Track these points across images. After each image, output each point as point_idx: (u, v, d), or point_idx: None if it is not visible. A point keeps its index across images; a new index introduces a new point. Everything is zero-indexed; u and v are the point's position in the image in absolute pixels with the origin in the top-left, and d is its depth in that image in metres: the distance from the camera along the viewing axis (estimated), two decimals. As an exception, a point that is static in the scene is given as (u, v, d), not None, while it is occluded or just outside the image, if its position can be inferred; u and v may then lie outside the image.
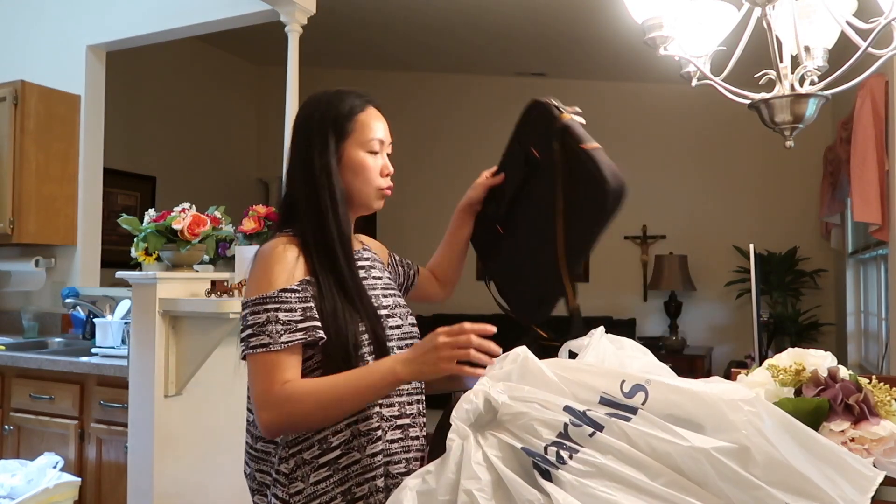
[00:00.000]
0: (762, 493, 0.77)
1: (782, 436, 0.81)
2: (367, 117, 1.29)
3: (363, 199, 1.29)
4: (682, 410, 0.86)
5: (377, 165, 1.28)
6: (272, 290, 1.14)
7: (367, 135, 1.27)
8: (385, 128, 1.31)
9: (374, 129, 1.28)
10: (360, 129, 1.27)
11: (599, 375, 0.94)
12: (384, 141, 1.30)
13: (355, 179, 1.27)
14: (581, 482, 0.79)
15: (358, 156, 1.26)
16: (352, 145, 1.26)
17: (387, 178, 1.30)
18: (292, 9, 3.18)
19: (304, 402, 1.09)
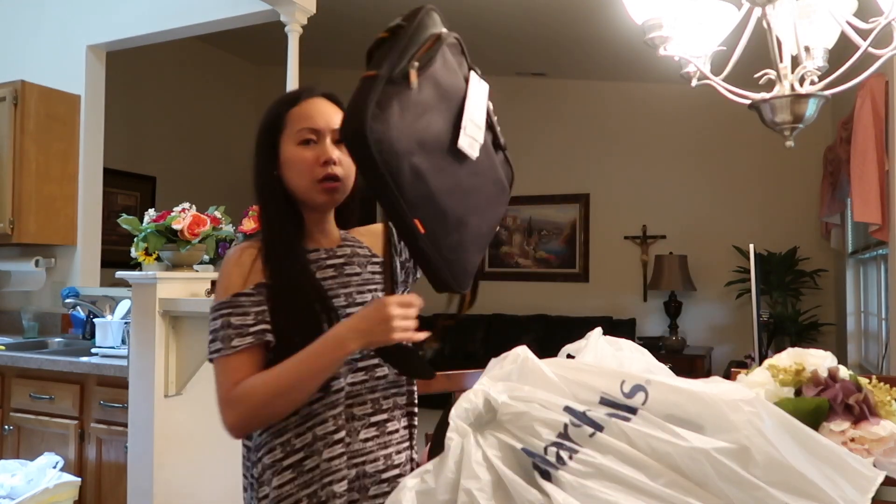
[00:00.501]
0: (762, 494, 0.77)
1: (782, 436, 0.81)
2: (300, 110, 1.23)
3: (302, 194, 1.22)
4: (682, 411, 0.86)
5: (309, 156, 1.20)
6: (226, 296, 1.15)
7: (296, 126, 1.22)
8: (326, 115, 1.22)
9: (305, 119, 1.22)
10: (291, 124, 1.22)
11: (599, 375, 0.94)
12: (320, 129, 1.21)
13: (291, 176, 1.22)
14: (581, 483, 0.79)
15: (288, 151, 1.22)
16: (285, 143, 1.22)
17: (325, 166, 1.20)
18: (292, 9, 3.18)
19: (255, 394, 1.09)
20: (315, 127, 1.21)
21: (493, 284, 6.13)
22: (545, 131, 5.93)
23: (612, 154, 5.73)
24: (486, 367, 1.07)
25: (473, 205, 1.12)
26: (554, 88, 5.91)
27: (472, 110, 1.11)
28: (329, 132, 1.22)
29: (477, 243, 1.14)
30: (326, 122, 1.22)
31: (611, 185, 5.75)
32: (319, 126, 1.22)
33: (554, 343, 1.45)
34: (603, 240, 5.81)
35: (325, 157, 1.20)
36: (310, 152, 1.20)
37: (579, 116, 5.84)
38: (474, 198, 1.13)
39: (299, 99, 1.25)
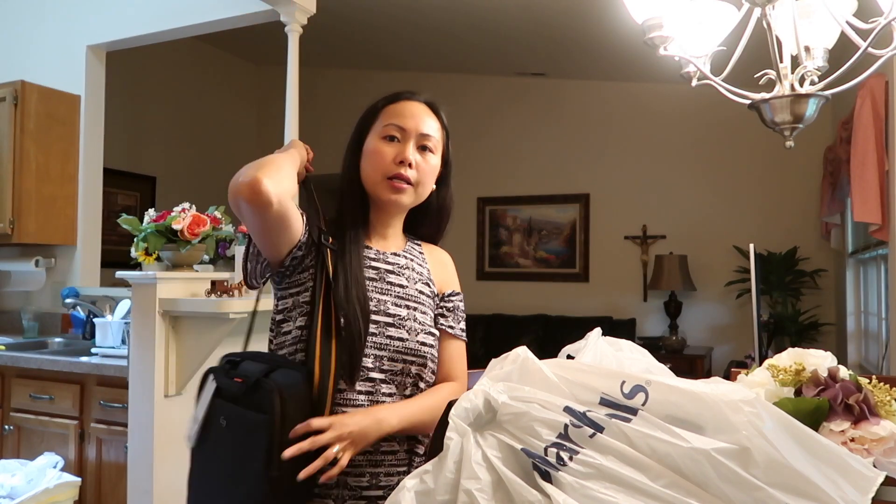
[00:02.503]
0: (763, 495, 0.76)
1: (783, 437, 0.81)
2: (396, 107, 1.27)
3: (370, 186, 1.25)
4: (682, 411, 0.86)
5: (389, 151, 1.23)
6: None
7: (385, 121, 1.25)
8: (418, 118, 1.26)
9: (395, 116, 1.25)
10: (382, 118, 1.26)
11: (600, 376, 0.93)
12: (407, 129, 1.24)
13: (366, 167, 1.25)
14: (581, 484, 0.79)
15: (372, 142, 1.25)
16: (371, 135, 1.26)
17: (400, 165, 1.22)
18: (292, 9, 3.18)
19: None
20: (402, 125, 1.24)
21: (492, 284, 6.13)
22: (545, 131, 5.93)
23: (612, 154, 5.73)
24: (486, 368, 1.07)
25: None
26: (554, 88, 5.91)
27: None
28: (416, 135, 1.25)
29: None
30: (416, 125, 1.25)
31: (611, 185, 5.75)
32: (407, 126, 1.24)
33: (554, 343, 1.45)
34: (603, 240, 5.81)
35: (402, 157, 1.22)
36: (390, 148, 1.23)
37: (579, 116, 5.84)
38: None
39: (400, 98, 1.28)
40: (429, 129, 1.27)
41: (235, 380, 1.14)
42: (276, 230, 1.15)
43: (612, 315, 5.55)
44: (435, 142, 1.28)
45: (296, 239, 1.18)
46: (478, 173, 6.10)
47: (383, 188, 1.23)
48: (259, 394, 1.08)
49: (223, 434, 1.11)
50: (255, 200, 1.07)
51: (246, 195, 1.07)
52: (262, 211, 1.09)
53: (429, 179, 1.27)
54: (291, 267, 1.21)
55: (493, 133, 6.09)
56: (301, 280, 1.22)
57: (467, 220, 6.19)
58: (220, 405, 1.14)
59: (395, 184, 1.22)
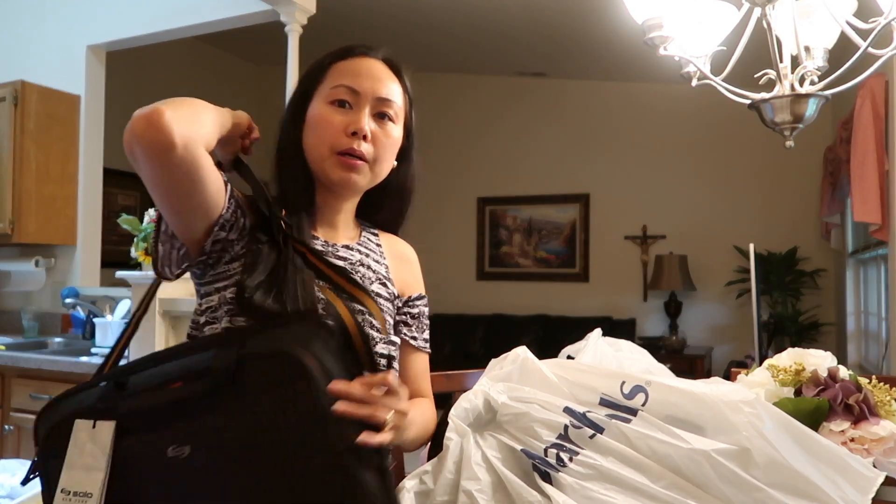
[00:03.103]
0: (763, 495, 0.76)
1: (783, 437, 0.81)
2: (346, 65, 1.02)
3: (315, 163, 1.00)
4: (682, 412, 0.86)
5: (338, 120, 0.98)
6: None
7: (333, 82, 1.00)
8: (375, 78, 1.01)
9: (346, 76, 1.00)
10: (330, 78, 1.01)
11: (599, 376, 0.93)
12: (362, 92, 0.99)
13: (309, 139, 1.00)
14: (581, 485, 0.79)
15: (316, 108, 1.00)
16: (317, 99, 1.01)
17: (353, 138, 0.97)
18: (292, 9, 3.18)
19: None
20: (355, 87, 0.99)
21: (492, 284, 6.13)
22: (545, 131, 5.93)
23: (612, 154, 5.73)
24: (486, 368, 1.07)
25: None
26: (554, 88, 5.91)
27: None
28: (372, 100, 1.00)
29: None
30: (372, 87, 1.00)
31: (611, 185, 5.74)
32: (361, 88, 0.99)
33: (554, 343, 1.45)
34: (603, 240, 5.81)
35: (356, 127, 0.97)
36: (339, 116, 0.98)
37: (579, 116, 5.84)
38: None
39: (352, 53, 1.03)
40: (389, 92, 1.02)
41: (170, 387, 0.80)
42: (182, 188, 0.84)
43: (612, 315, 5.55)
44: (396, 109, 1.03)
45: (215, 211, 0.89)
46: (478, 173, 6.10)
47: (331, 166, 0.98)
48: (257, 373, 0.78)
49: (182, 466, 0.77)
50: (150, 137, 0.78)
51: (139, 129, 0.78)
52: (159, 154, 0.79)
53: (388, 155, 1.03)
54: (215, 254, 0.93)
55: (493, 133, 6.09)
56: (229, 272, 0.94)
57: (467, 220, 6.19)
58: (157, 437, 0.79)
59: (347, 160, 0.97)
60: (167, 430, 0.78)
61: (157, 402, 0.80)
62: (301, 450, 0.77)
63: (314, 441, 0.76)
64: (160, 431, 0.79)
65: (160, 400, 0.80)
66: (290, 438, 0.77)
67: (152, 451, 0.78)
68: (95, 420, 0.79)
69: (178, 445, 0.78)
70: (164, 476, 0.78)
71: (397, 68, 1.06)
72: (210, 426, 0.78)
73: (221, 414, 0.78)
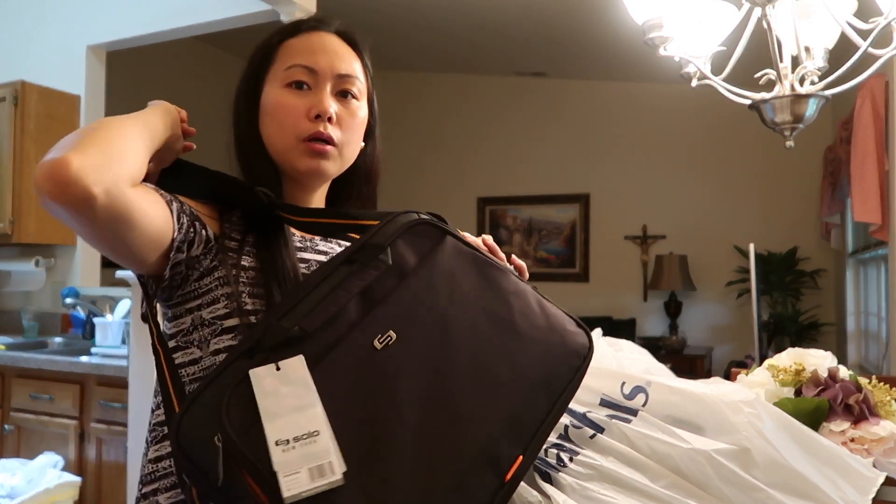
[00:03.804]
0: (763, 495, 0.76)
1: (783, 437, 0.81)
2: (297, 42, 0.92)
3: (280, 154, 0.91)
4: (682, 412, 0.86)
5: (298, 104, 0.89)
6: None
7: (287, 62, 0.91)
8: (332, 53, 0.91)
9: (300, 54, 0.91)
10: (282, 58, 0.92)
11: (599, 377, 0.93)
12: (320, 70, 0.90)
13: (269, 128, 0.91)
14: (581, 485, 0.79)
15: (272, 94, 0.91)
16: (270, 83, 0.92)
17: (317, 121, 0.88)
18: (292, 9, 3.18)
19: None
20: (312, 66, 0.90)
21: None
22: (545, 131, 5.93)
23: (612, 154, 5.73)
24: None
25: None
26: (554, 88, 5.91)
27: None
28: (332, 77, 0.91)
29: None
30: (330, 63, 0.91)
31: (611, 185, 5.75)
32: (318, 65, 0.90)
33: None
34: (603, 240, 5.81)
35: (319, 110, 0.88)
36: (298, 100, 0.89)
37: (579, 116, 5.84)
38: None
39: (301, 29, 0.94)
40: (349, 67, 0.92)
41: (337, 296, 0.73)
42: (116, 235, 0.73)
43: (612, 315, 5.55)
44: (359, 85, 0.94)
45: (164, 240, 0.77)
46: (478, 173, 6.10)
47: (298, 154, 0.89)
48: (408, 247, 0.78)
49: (395, 352, 0.71)
50: (62, 197, 0.66)
51: (47, 188, 0.66)
52: (78, 212, 0.68)
53: (356, 136, 0.94)
54: (179, 276, 0.83)
55: (493, 133, 6.09)
56: (201, 289, 0.84)
57: (467, 220, 6.19)
58: (355, 339, 0.71)
59: (314, 146, 0.88)
60: (359, 327, 0.72)
61: (335, 310, 0.72)
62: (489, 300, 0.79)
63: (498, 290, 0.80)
64: (354, 333, 0.72)
65: (337, 307, 0.72)
66: (472, 293, 0.78)
67: (359, 353, 0.70)
68: (276, 363, 0.67)
69: (381, 335, 0.72)
70: (381, 371, 0.70)
71: (354, 41, 0.96)
72: (402, 304, 0.74)
73: (405, 290, 0.75)
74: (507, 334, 0.78)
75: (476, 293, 0.79)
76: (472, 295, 0.79)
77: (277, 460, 0.60)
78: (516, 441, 0.72)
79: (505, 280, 0.83)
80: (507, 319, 0.79)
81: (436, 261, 0.80)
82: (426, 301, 0.76)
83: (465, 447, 0.69)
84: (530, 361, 0.77)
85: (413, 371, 0.71)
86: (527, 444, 0.72)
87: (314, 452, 0.61)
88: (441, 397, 0.71)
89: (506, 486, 0.69)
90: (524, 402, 0.74)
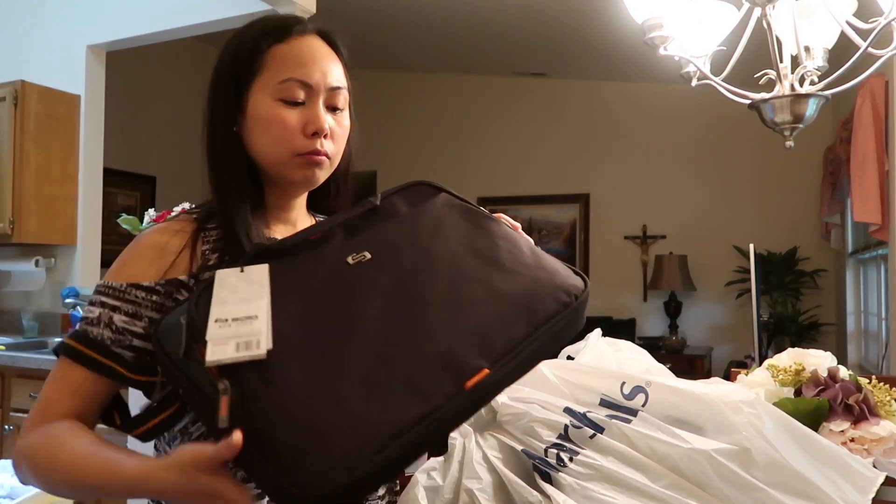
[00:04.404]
0: (763, 495, 0.76)
1: (783, 437, 0.81)
2: (290, 50, 0.90)
3: (276, 166, 0.90)
4: (682, 412, 0.86)
5: (294, 120, 0.88)
6: (121, 280, 0.85)
7: (281, 74, 0.89)
8: (324, 66, 0.90)
9: (295, 67, 0.89)
10: (273, 68, 0.89)
11: (599, 377, 0.93)
12: (315, 85, 0.89)
13: (262, 140, 0.90)
14: (581, 485, 0.79)
15: (264, 106, 0.89)
16: (258, 92, 0.90)
17: (314, 138, 0.88)
18: (292, 9, 3.18)
19: (47, 469, 0.81)
20: (307, 81, 0.89)
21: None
22: (545, 131, 5.93)
23: (612, 154, 5.73)
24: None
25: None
26: (554, 88, 5.91)
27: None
28: (325, 91, 0.90)
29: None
30: (323, 77, 0.90)
31: (611, 185, 5.75)
32: (314, 80, 0.89)
33: (554, 343, 1.44)
34: (603, 240, 5.81)
35: (316, 127, 0.88)
36: (295, 115, 0.88)
37: (579, 116, 5.84)
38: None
39: (290, 33, 0.92)
40: (338, 78, 0.92)
41: (314, 236, 0.80)
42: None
43: (612, 315, 5.55)
44: (345, 96, 0.94)
45: (120, 386, 0.86)
46: (478, 173, 6.10)
47: (293, 167, 0.90)
48: (401, 198, 0.86)
49: (365, 269, 0.76)
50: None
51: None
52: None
53: (343, 145, 0.95)
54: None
55: (493, 133, 6.09)
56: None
57: (467, 220, 6.19)
58: (331, 251, 0.77)
59: (312, 158, 0.89)
60: (336, 247, 0.78)
61: (316, 232, 0.80)
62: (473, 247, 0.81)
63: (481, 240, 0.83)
64: (329, 249, 0.78)
65: (319, 230, 0.80)
66: (458, 232, 0.83)
67: (330, 264, 0.76)
68: (242, 267, 0.73)
69: (356, 254, 0.77)
70: (348, 282, 0.75)
71: (335, 42, 0.95)
72: (383, 234, 0.80)
73: (389, 224, 0.82)
74: (488, 265, 0.80)
75: (462, 233, 0.83)
76: (457, 233, 0.82)
77: (211, 333, 0.67)
78: (482, 354, 0.72)
79: (496, 226, 0.86)
80: (491, 255, 0.81)
81: (425, 207, 0.85)
82: (409, 235, 0.80)
83: (422, 349, 0.70)
84: (509, 287, 0.78)
85: (381, 285, 0.75)
86: (495, 360, 0.72)
87: (246, 331, 0.67)
88: (406, 309, 0.73)
89: (464, 394, 0.69)
90: (496, 319, 0.75)
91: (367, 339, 0.69)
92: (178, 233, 0.88)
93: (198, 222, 0.90)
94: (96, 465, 0.78)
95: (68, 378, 0.83)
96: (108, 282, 0.86)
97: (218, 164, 0.94)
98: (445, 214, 0.84)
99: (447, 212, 0.85)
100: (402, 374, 0.68)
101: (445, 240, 0.81)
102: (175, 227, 0.89)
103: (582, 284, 0.83)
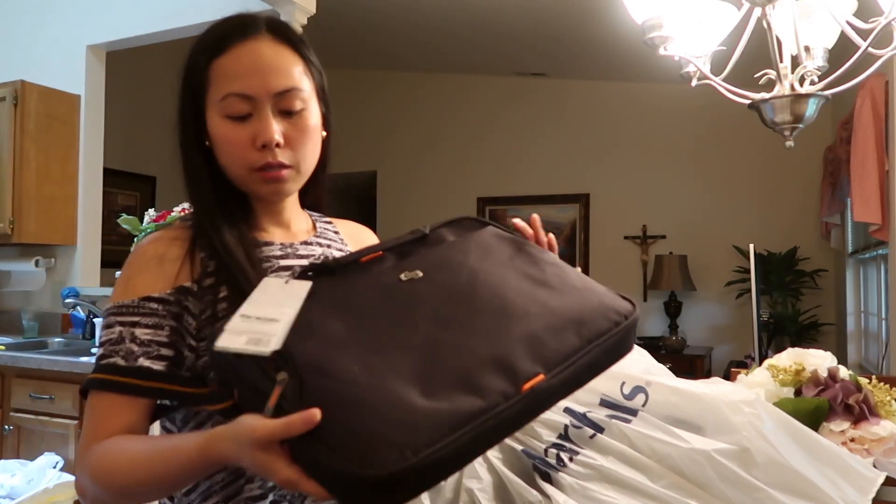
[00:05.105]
0: (763, 495, 0.76)
1: (783, 437, 0.81)
2: (225, 64, 0.85)
3: (239, 183, 0.88)
4: (682, 412, 0.86)
5: (241, 136, 0.84)
6: (131, 298, 0.83)
7: (220, 91, 0.85)
8: (264, 70, 0.85)
9: (231, 81, 0.84)
10: (215, 84, 0.85)
11: (599, 377, 0.93)
12: (255, 96, 0.84)
13: (221, 157, 0.87)
14: (581, 485, 0.79)
15: (213, 124, 0.86)
16: (209, 108, 0.86)
17: (264, 151, 0.85)
18: (292, 9, 3.18)
19: (117, 475, 0.76)
20: (247, 93, 0.84)
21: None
22: (545, 131, 5.93)
23: (612, 154, 5.73)
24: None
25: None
26: (554, 88, 5.91)
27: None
28: (270, 98, 0.85)
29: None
30: (265, 85, 0.84)
31: (611, 185, 5.75)
32: (254, 90, 0.84)
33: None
34: (603, 240, 5.81)
35: (263, 139, 0.84)
36: (241, 131, 0.84)
37: (579, 116, 5.84)
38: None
39: (226, 45, 0.85)
40: (287, 80, 0.86)
41: (366, 258, 0.81)
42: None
43: (612, 315, 5.54)
44: (303, 95, 0.87)
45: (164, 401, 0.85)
46: (478, 173, 6.10)
47: (254, 182, 0.87)
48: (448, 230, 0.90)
49: (416, 287, 0.78)
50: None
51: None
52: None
53: (311, 147, 0.90)
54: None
55: (493, 133, 6.09)
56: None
57: (467, 220, 6.18)
58: (385, 269, 0.80)
59: (268, 175, 0.86)
60: (389, 267, 0.81)
61: (368, 253, 0.83)
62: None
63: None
64: (382, 268, 0.81)
65: (370, 251, 0.83)
66: (506, 257, 0.86)
67: (383, 280, 0.78)
68: (288, 279, 0.77)
69: (408, 272, 0.79)
70: (401, 295, 0.77)
71: (287, 36, 0.88)
72: (433, 257, 0.83)
73: (439, 249, 0.85)
74: (537, 285, 0.82)
75: (509, 256, 0.87)
76: (505, 257, 0.86)
77: (232, 323, 0.69)
78: (537, 360, 0.72)
79: (543, 254, 0.90)
80: (540, 277, 0.84)
81: (473, 235, 0.89)
82: (459, 257, 0.83)
83: (475, 351, 0.71)
84: (559, 304, 0.80)
85: (433, 297, 0.77)
86: (551, 367, 0.72)
87: (262, 330, 0.68)
88: (457, 317, 0.75)
89: (521, 396, 0.68)
90: (547, 330, 0.75)
91: (419, 343, 0.71)
92: (175, 240, 0.87)
93: (193, 229, 0.89)
94: (158, 448, 0.76)
95: (111, 408, 0.81)
96: (119, 302, 0.84)
97: (192, 181, 0.91)
98: (493, 242, 0.88)
99: (495, 241, 0.89)
100: (455, 372, 0.68)
101: (494, 262, 0.84)
102: (171, 235, 0.88)
103: (630, 307, 0.84)
